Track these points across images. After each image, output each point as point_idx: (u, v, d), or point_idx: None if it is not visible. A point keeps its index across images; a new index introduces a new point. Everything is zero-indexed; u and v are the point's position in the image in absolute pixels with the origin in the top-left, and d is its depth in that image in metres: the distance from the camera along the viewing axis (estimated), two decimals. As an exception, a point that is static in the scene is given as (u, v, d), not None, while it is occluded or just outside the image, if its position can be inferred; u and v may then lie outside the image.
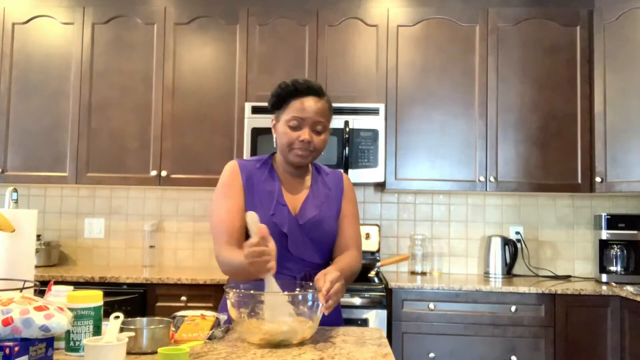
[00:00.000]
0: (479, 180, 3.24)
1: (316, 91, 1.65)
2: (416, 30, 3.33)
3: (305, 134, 1.63)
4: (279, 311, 1.37)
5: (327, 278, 1.40)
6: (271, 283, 1.41)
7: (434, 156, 3.27)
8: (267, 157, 1.77)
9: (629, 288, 2.82)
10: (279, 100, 1.67)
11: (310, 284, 1.49)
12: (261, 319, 1.36)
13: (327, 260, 1.74)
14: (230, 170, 1.71)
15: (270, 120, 1.72)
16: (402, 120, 3.29)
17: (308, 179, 1.76)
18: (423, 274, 3.42)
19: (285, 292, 1.43)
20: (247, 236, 1.70)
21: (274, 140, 1.71)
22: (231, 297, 1.39)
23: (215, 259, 1.64)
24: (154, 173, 3.31)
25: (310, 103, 1.63)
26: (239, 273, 1.55)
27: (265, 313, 1.37)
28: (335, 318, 1.72)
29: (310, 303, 1.38)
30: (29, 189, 3.71)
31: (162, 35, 3.38)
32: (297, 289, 1.51)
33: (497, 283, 3.04)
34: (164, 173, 3.30)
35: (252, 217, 1.42)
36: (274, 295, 1.39)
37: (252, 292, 1.41)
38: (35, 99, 3.39)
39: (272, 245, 1.37)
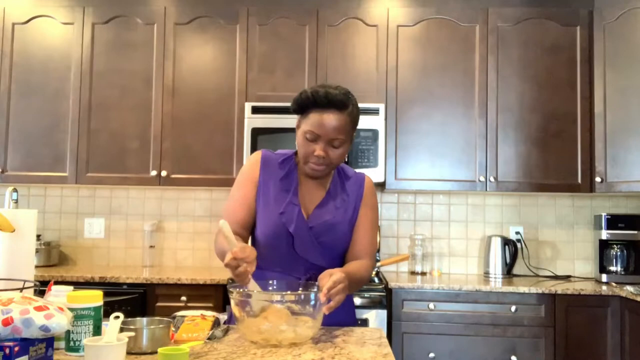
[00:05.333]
0: (479, 180, 3.24)
1: (337, 104, 1.56)
2: (416, 30, 3.33)
3: (320, 150, 1.58)
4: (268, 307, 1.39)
5: (332, 278, 1.40)
6: (253, 286, 1.43)
7: (434, 156, 3.27)
8: (292, 153, 1.74)
9: (629, 288, 2.82)
10: (299, 108, 1.61)
11: (314, 284, 1.49)
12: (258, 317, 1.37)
13: (335, 264, 1.70)
14: (251, 162, 1.71)
15: (297, 118, 1.67)
16: (402, 120, 3.29)
17: (327, 182, 1.73)
18: (423, 274, 3.42)
19: (282, 293, 1.45)
20: (254, 230, 1.71)
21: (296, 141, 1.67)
22: (235, 296, 1.39)
23: None
24: (154, 173, 3.31)
25: (329, 119, 1.56)
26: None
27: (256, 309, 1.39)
28: (349, 318, 1.72)
29: (312, 302, 1.39)
30: (29, 189, 3.71)
31: (162, 35, 3.38)
32: (300, 289, 1.51)
33: (497, 283, 3.04)
34: (164, 173, 3.30)
35: (223, 227, 1.39)
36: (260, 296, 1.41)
37: (255, 291, 1.42)
38: (35, 99, 3.39)
39: (250, 265, 1.37)
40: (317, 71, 3.31)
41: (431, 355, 2.87)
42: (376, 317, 2.83)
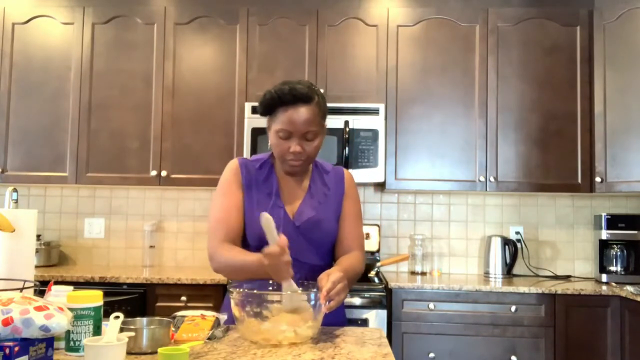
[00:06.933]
0: (479, 180, 3.24)
1: (303, 98, 1.57)
2: (416, 30, 3.33)
3: (295, 145, 1.59)
4: (297, 303, 1.39)
5: (330, 278, 1.40)
6: (291, 285, 1.45)
7: (434, 156, 3.27)
8: (267, 156, 1.75)
9: (629, 288, 2.82)
10: (266, 110, 1.63)
11: (312, 283, 1.49)
12: (266, 318, 1.37)
13: (327, 261, 1.73)
14: (231, 169, 1.72)
15: (266, 121, 1.70)
16: (402, 120, 3.29)
17: (307, 179, 1.74)
18: (423, 274, 3.42)
19: (302, 291, 1.46)
20: (244, 235, 1.71)
21: (270, 142, 1.69)
22: (235, 296, 1.39)
23: (209, 256, 1.63)
24: (154, 173, 3.31)
25: (297, 114, 1.57)
26: (240, 272, 1.56)
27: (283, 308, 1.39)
28: (339, 319, 1.72)
29: (312, 302, 1.39)
30: (29, 189, 3.71)
31: (162, 35, 3.38)
32: (300, 289, 1.51)
33: (497, 283, 3.04)
34: (164, 173, 3.30)
35: (267, 220, 1.44)
36: (292, 296, 1.42)
37: (255, 291, 1.42)
38: (35, 99, 3.39)
39: (288, 255, 1.41)
40: (317, 71, 3.31)
41: (431, 355, 2.87)
42: (376, 317, 2.83)
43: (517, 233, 3.53)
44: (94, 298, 1.27)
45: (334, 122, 3.13)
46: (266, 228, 1.44)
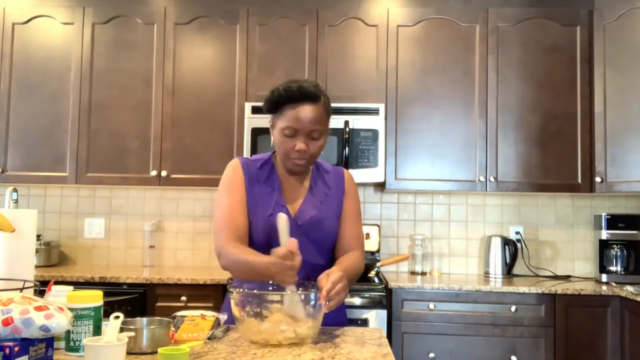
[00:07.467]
0: (479, 180, 3.24)
1: (311, 97, 1.58)
2: (416, 30, 3.33)
3: (300, 143, 1.60)
4: (295, 308, 1.39)
5: (330, 279, 1.40)
6: (292, 290, 1.44)
7: (434, 156, 3.27)
8: (268, 155, 1.76)
9: (629, 288, 2.82)
10: (273, 107, 1.63)
11: (313, 284, 1.49)
12: (265, 318, 1.37)
13: (329, 260, 1.73)
14: (233, 168, 1.72)
15: (268, 120, 1.71)
16: (402, 120, 3.29)
17: (308, 179, 1.75)
18: (423, 274, 3.42)
19: (300, 292, 1.45)
20: (250, 233, 1.71)
21: (272, 140, 1.70)
22: (235, 296, 1.39)
23: (217, 253, 1.62)
24: (154, 173, 3.31)
25: (305, 112, 1.58)
26: (249, 272, 1.54)
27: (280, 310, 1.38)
28: (339, 319, 1.72)
29: (312, 302, 1.39)
30: (29, 189, 3.71)
31: (162, 35, 3.38)
32: (300, 289, 1.51)
33: (497, 283, 3.04)
34: (164, 173, 3.30)
35: (282, 221, 1.45)
36: (292, 296, 1.41)
37: (255, 291, 1.42)
38: (35, 99, 3.39)
39: (298, 259, 1.39)
40: (317, 71, 3.31)
41: (431, 355, 2.87)
42: (376, 317, 2.83)
43: (517, 233, 3.53)
44: (94, 298, 1.27)
45: (334, 122, 3.12)
46: (280, 229, 1.45)
